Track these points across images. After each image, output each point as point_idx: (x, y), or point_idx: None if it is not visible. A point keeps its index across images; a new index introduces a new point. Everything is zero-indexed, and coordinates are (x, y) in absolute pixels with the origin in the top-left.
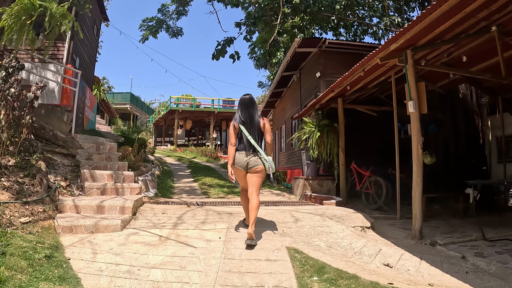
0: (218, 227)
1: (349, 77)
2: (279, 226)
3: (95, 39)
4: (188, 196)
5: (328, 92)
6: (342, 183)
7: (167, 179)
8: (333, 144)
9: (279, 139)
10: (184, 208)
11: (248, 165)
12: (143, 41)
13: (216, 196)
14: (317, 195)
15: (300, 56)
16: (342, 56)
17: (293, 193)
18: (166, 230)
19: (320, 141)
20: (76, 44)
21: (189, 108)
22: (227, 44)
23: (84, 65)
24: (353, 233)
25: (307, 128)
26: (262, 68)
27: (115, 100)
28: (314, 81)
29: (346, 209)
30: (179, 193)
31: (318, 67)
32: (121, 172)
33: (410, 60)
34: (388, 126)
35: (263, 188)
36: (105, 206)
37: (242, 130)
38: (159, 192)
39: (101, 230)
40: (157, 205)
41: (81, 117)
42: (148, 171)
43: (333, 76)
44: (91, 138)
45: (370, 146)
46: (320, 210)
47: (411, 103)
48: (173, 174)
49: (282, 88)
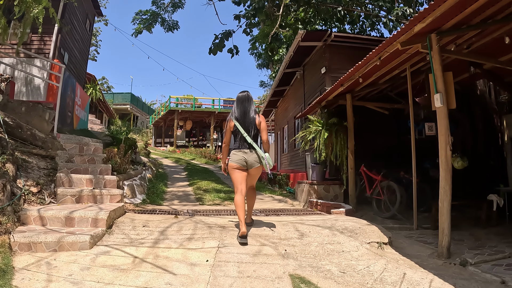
0: (206, 245)
1: (362, 67)
2: (281, 244)
3: (87, 35)
4: (180, 203)
5: (336, 86)
6: (351, 189)
7: (160, 183)
8: (342, 145)
9: (281, 140)
10: (170, 219)
11: (248, 164)
12: (136, 35)
13: (211, 202)
14: (323, 201)
15: (303, 51)
16: (349, 51)
17: (297, 198)
18: (144, 249)
19: (328, 141)
20: (65, 38)
21: (189, 108)
22: (225, 38)
23: (75, 61)
24: (369, 251)
25: (313, 127)
26: (264, 68)
27: (115, 100)
28: (319, 78)
29: (358, 220)
30: (170, 199)
31: (323, 63)
32: (103, 177)
33: (435, 46)
34: (399, 126)
35: (264, 193)
36: (75, 218)
37: (238, 127)
38: (148, 198)
39: (65, 248)
40: (141, 214)
41: (70, 116)
42: (137, 175)
43: (339, 72)
44: (75, 138)
45: (380, 147)
46: (328, 222)
47: (438, 96)
48: (168, 177)
49: (284, 86)
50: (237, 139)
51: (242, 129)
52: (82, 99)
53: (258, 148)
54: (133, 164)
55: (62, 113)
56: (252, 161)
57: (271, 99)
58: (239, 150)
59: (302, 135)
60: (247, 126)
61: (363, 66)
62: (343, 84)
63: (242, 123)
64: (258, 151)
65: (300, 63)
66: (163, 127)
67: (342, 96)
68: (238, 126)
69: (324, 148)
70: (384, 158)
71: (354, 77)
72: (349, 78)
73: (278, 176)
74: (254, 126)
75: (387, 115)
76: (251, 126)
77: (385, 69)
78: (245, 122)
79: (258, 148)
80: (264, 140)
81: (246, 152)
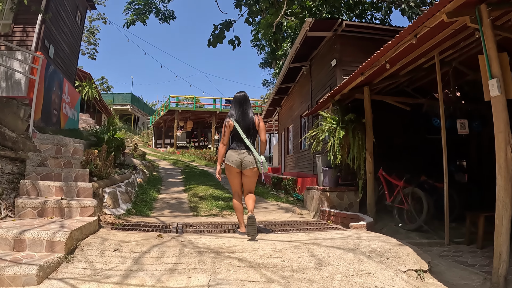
0: (193, 282)
1: (391, 48)
2: (294, 279)
3: (77, 28)
4: (171, 214)
5: (355, 76)
6: (370, 197)
7: (152, 188)
8: (360, 146)
9: (285, 140)
10: (152, 238)
11: (243, 164)
12: (128, 26)
13: (207, 213)
14: (337, 211)
15: (311, 43)
16: (362, 42)
17: (306, 207)
18: (108, 287)
19: (344, 141)
20: (50, 30)
21: (190, 108)
22: (225, 28)
23: (62, 55)
24: (408, 284)
25: (326, 125)
26: (267, 67)
27: (115, 101)
28: (328, 72)
29: (385, 238)
30: (160, 208)
31: (333, 55)
32: (76, 184)
33: (486, 20)
34: (419, 123)
35: (268, 200)
36: (26, 240)
37: (236, 128)
38: (134, 207)
39: (5, 283)
40: (118, 231)
41: (57, 114)
42: (123, 180)
43: (352, 65)
44: (54, 139)
45: (397, 148)
46: (350, 241)
47: (494, 82)
48: (162, 182)
49: (289, 83)
50: (235, 139)
51: (242, 130)
52: (72, 97)
53: (255, 151)
54: (121, 167)
55: (46, 111)
56: (247, 162)
57: (275, 97)
58: (236, 150)
59: (313, 134)
60: (246, 127)
61: (393, 47)
62: (364, 73)
63: (241, 124)
64: (254, 153)
65: (306, 57)
66: (163, 127)
67: (359, 89)
68: (237, 127)
69: (339, 149)
70: (402, 160)
71: (379, 63)
72: (372, 65)
73: (284, 180)
74: (253, 127)
75: (404, 112)
76: (250, 127)
77: (419, 51)
78: (244, 123)
79: (255, 151)
80: (262, 140)
81: (242, 153)
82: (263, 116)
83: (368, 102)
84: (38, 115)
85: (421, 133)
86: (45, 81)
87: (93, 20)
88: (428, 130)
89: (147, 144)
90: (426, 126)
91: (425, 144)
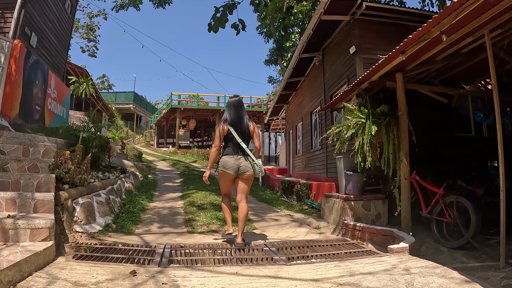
0: None
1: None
2: None
3: (67, 17)
4: (160, 229)
5: (392, 56)
6: (405, 208)
7: (143, 195)
8: (396, 145)
9: (294, 139)
10: (122, 277)
11: (240, 170)
12: (118, 9)
13: (205, 228)
14: (364, 226)
15: (325, 29)
16: (383, 27)
17: (323, 218)
18: None
19: (376, 140)
20: (32, 16)
21: (192, 106)
22: (228, 11)
23: (48, 45)
24: None
25: (352, 120)
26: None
27: (117, 99)
28: (345, 61)
29: (442, 268)
30: (148, 221)
31: (351, 41)
32: (32, 196)
33: None
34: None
35: (279, 209)
36: None
37: (232, 132)
38: (115, 221)
39: None
40: (81, 262)
41: (40, 110)
42: (105, 187)
43: (373, 53)
44: (24, 137)
45: (426, 147)
46: (398, 277)
47: None
48: (156, 186)
49: (298, 77)
50: (230, 144)
51: (237, 135)
52: (59, 92)
53: (252, 154)
54: (106, 170)
55: (25, 106)
56: (244, 167)
57: (283, 93)
58: (232, 156)
59: (336, 130)
60: (242, 132)
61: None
62: (405, 51)
63: (236, 128)
64: (251, 157)
65: (318, 46)
66: (165, 126)
67: (389, 76)
68: (233, 131)
69: (369, 149)
70: (432, 162)
71: (429, 35)
72: (419, 39)
73: (296, 185)
74: (248, 132)
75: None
76: (246, 132)
77: (473, 24)
78: (239, 128)
79: (252, 154)
80: (257, 146)
81: (239, 158)
82: (269, 114)
83: (402, 92)
84: (16, 111)
85: (451, 131)
86: (25, 73)
87: (93, 16)
88: (464, 126)
89: (149, 143)
90: (462, 121)
91: (459, 143)
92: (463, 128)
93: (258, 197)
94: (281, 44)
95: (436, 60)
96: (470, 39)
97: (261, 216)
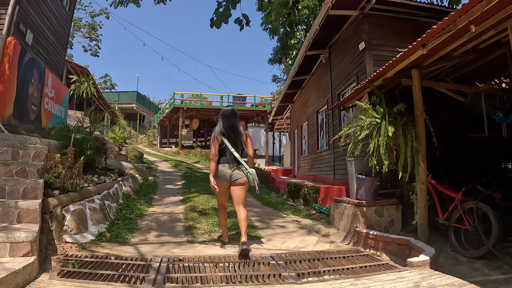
0: None
1: None
2: None
3: (65, 14)
4: (158, 238)
5: (412, 50)
6: (422, 215)
7: (141, 200)
8: (415, 147)
9: (299, 139)
10: None
11: (232, 178)
12: (116, 6)
13: (206, 237)
14: (378, 234)
15: (332, 25)
16: (394, 23)
17: (333, 224)
18: None
19: (392, 142)
20: (27, 12)
21: (196, 105)
22: (231, 5)
23: (45, 43)
24: None
25: (366, 120)
26: (276, 63)
27: (120, 99)
28: (354, 59)
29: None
30: (145, 229)
31: (360, 37)
32: (16, 204)
33: None
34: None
35: (285, 214)
36: None
37: (225, 143)
38: (110, 229)
39: None
40: (66, 281)
41: (36, 110)
42: (100, 191)
43: (383, 50)
44: (15, 139)
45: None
46: None
47: None
48: (157, 189)
49: (303, 75)
50: (223, 154)
51: (230, 145)
52: (57, 91)
53: (245, 164)
54: (102, 174)
55: (20, 106)
56: (237, 175)
57: (287, 92)
58: (225, 165)
59: (348, 131)
60: (235, 141)
61: None
62: (426, 44)
63: (230, 138)
64: (245, 166)
65: (325, 43)
66: (168, 126)
67: (404, 73)
68: (226, 142)
69: (385, 152)
70: (446, 164)
71: (454, 26)
72: (443, 30)
73: (303, 189)
74: (241, 142)
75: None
76: (239, 142)
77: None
78: (233, 138)
79: (245, 164)
80: (250, 155)
81: (232, 168)
82: (274, 114)
83: (419, 89)
84: (10, 111)
85: (464, 131)
86: (19, 71)
87: (95, 15)
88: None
89: (152, 143)
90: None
91: (473, 144)
92: (476, 128)
93: (263, 200)
94: (285, 43)
95: (453, 56)
96: (492, 33)
97: (267, 223)
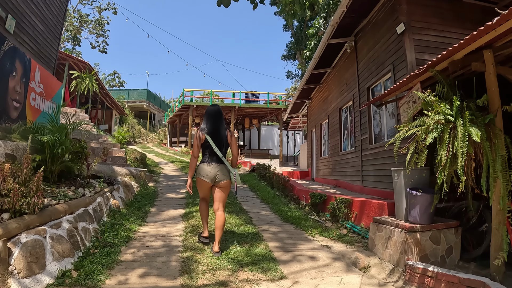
0: None
1: None
2: None
3: (57, 1)
4: (142, 279)
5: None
6: (496, 244)
7: (133, 214)
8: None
9: (318, 139)
10: None
11: (216, 178)
12: None
13: (209, 277)
14: (440, 272)
15: (358, 10)
16: (435, 2)
17: (372, 250)
18: None
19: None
20: None
21: (205, 103)
22: None
23: (32, 32)
24: None
25: (433, 116)
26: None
27: (130, 97)
28: (389, 45)
29: None
30: (129, 262)
31: (397, 19)
32: None
33: None
34: None
35: (311, 235)
36: None
37: (209, 141)
38: (79, 264)
39: None
40: None
41: (19, 107)
42: (74, 209)
43: (425, 33)
44: None
45: None
46: None
47: None
48: (156, 199)
49: (324, 68)
50: (207, 152)
51: (214, 144)
52: (47, 86)
53: (228, 164)
54: (82, 185)
55: None
56: (220, 175)
57: (305, 87)
58: (208, 164)
59: (407, 133)
60: (219, 140)
61: None
62: None
63: (214, 137)
64: (227, 166)
65: (351, 30)
66: (178, 125)
67: (474, 55)
68: (210, 140)
69: (463, 164)
70: None
71: None
72: None
73: (331, 202)
74: (225, 140)
75: None
76: (223, 141)
77: None
78: (217, 137)
79: (228, 164)
80: (235, 154)
81: (215, 167)
82: (289, 111)
83: (494, 77)
84: None
85: None
86: None
87: (102, 10)
88: None
89: (162, 142)
90: None
91: None
92: None
93: (281, 214)
94: (300, 38)
95: None
96: None
97: (290, 251)
